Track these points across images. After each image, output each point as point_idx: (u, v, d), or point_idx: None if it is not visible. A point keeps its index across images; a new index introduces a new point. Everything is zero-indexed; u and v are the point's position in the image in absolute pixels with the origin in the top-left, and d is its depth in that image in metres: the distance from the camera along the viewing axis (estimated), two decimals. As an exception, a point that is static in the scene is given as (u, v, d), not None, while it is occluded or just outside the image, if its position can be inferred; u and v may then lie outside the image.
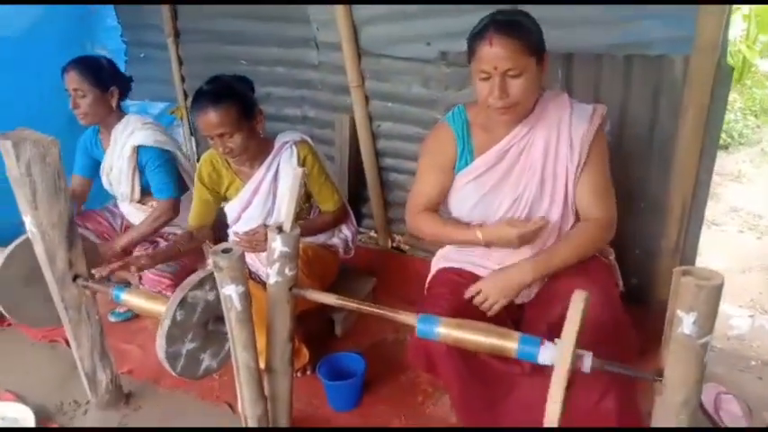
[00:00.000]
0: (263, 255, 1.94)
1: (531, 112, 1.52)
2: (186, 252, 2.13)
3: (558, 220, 1.55)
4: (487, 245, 1.56)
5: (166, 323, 1.39)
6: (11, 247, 1.80)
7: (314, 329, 2.17)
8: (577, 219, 1.58)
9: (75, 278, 1.74)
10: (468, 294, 1.54)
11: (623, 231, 1.66)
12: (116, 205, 2.51)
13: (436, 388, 1.94)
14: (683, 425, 1.05)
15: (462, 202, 1.61)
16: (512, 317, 1.58)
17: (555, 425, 1.07)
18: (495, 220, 1.58)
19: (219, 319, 1.48)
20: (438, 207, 1.70)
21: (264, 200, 2.05)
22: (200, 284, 1.44)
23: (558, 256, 1.50)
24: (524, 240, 1.51)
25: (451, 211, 1.67)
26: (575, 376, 1.11)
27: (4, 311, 1.86)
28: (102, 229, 2.41)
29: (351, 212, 2.26)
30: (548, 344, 1.13)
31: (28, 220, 1.62)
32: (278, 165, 2.02)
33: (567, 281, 1.21)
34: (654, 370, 1.11)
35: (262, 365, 1.60)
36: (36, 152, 1.54)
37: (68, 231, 1.67)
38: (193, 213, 2.14)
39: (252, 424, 1.61)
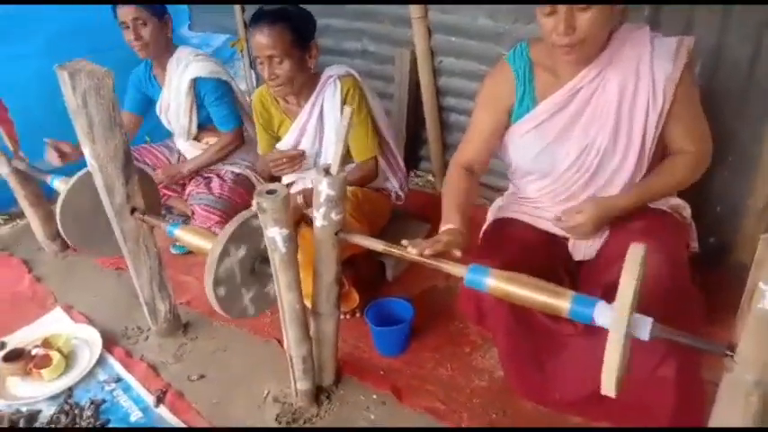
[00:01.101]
0: (302, 200, 1.91)
1: (604, 50, 1.34)
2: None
3: (630, 173, 1.41)
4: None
5: (212, 264, 1.40)
6: (73, 179, 1.86)
7: (365, 273, 2.15)
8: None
9: (132, 211, 1.78)
10: (563, 214, 1.46)
11: (705, 186, 1.51)
12: (173, 142, 2.54)
13: (485, 340, 1.88)
14: (752, 407, 0.95)
15: (523, 152, 1.48)
16: (569, 275, 1.48)
17: (612, 394, 1.00)
18: (560, 171, 1.45)
19: (265, 259, 1.47)
20: (486, 162, 1.59)
21: (312, 141, 2.00)
22: (244, 225, 1.43)
23: (656, 185, 1.41)
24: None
25: (512, 162, 1.55)
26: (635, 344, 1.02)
27: (69, 242, 1.96)
28: (160, 164, 2.46)
29: (398, 160, 2.16)
30: (603, 305, 1.03)
31: (87, 152, 1.65)
32: (322, 102, 1.95)
33: (630, 239, 1.09)
34: (725, 343, 0.99)
35: (309, 306, 1.60)
36: (91, 84, 1.53)
37: (125, 165, 1.70)
38: (260, 144, 2.14)
39: (297, 363, 1.63)
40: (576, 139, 1.41)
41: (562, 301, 1.09)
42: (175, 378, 1.90)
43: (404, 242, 1.29)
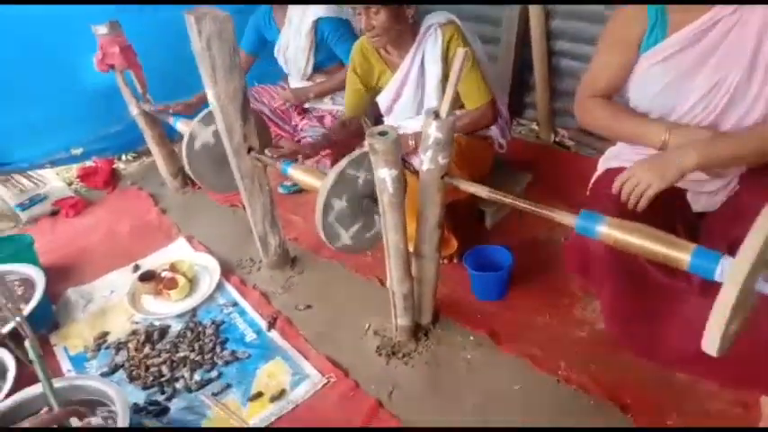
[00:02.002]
0: (413, 143, 1.92)
1: None
2: (340, 141, 2.18)
3: (761, 116, 1.29)
4: (663, 148, 1.34)
5: (322, 202, 1.47)
6: (196, 119, 2.01)
7: (464, 220, 2.17)
8: None
9: (249, 150, 1.90)
10: (616, 184, 1.34)
11: None
12: (287, 83, 2.64)
13: (586, 293, 1.86)
14: None
15: (645, 87, 1.39)
16: (686, 227, 1.40)
17: (713, 353, 0.96)
18: (684, 110, 1.34)
19: (373, 199, 1.53)
20: (613, 94, 1.50)
21: (414, 91, 1.99)
22: (353, 164, 1.48)
23: (739, 143, 1.26)
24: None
25: (629, 97, 1.46)
26: (758, 301, 0.97)
27: (195, 178, 2.13)
28: (275, 105, 2.57)
29: (502, 109, 2.11)
30: (728, 260, 0.98)
31: (209, 94, 1.77)
32: (423, 52, 1.92)
33: (762, 194, 1.01)
34: None
35: (411, 249, 1.66)
36: (214, 28, 1.62)
37: (243, 107, 1.80)
38: (346, 103, 2.18)
39: (399, 300, 1.70)
40: (705, 74, 1.30)
41: (682, 254, 1.04)
42: (284, 306, 2.05)
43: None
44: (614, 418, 1.47)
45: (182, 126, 2.27)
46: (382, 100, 2.09)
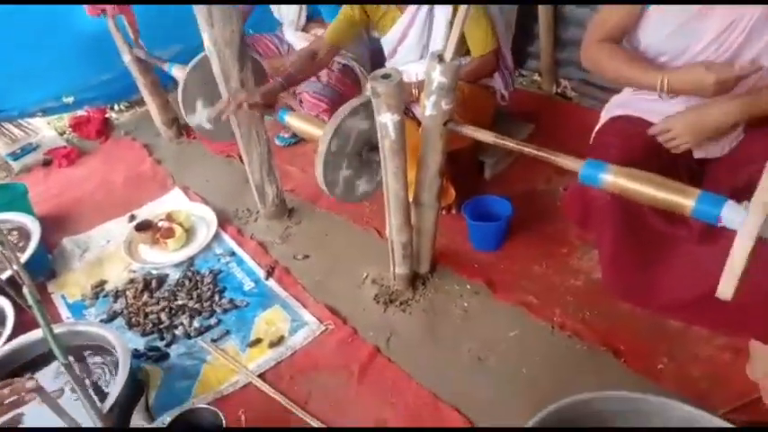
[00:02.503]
0: (417, 91, 1.89)
1: None
2: (298, 80, 1.99)
3: None
4: (671, 93, 1.33)
5: (323, 151, 1.46)
6: (191, 63, 1.96)
7: (463, 170, 2.15)
8: None
9: (245, 97, 1.86)
10: (654, 130, 1.36)
11: None
12: (282, 32, 2.57)
13: (584, 242, 1.87)
14: None
15: (658, 28, 1.35)
16: (689, 174, 1.40)
17: (728, 298, 0.97)
18: (696, 51, 1.31)
19: (373, 147, 1.51)
20: (621, 37, 1.46)
21: (420, 33, 1.94)
22: (353, 113, 1.46)
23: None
24: (722, 89, 1.25)
25: (640, 39, 1.42)
26: (759, 248, 0.97)
27: (192, 126, 2.10)
28: (270, 54, 2.51)
29: (506, 56, 2.06)
30: (733, 204, 0.98)
31: (205, 38, 1.72)
32: None
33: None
34: None
35: (410, 198, 1.65)
36: (210, -33, 1.57)
37: (240, 51, 1.75)
38: (332, 28, 1.98)
39: (397, 249, 1.70)
40: (719, 15, 1.26)
41: (686, 199, 1.04)
42: (282, 256, 2.06)
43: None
44: (607, 363, 1.50)
45: (177, 72, 2.22)
46: (388, 42, 2.03)
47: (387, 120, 1.36)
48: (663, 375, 1.46)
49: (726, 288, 0.98)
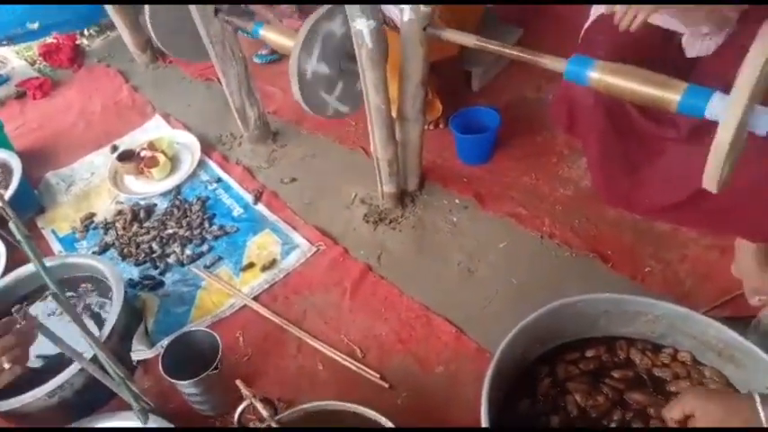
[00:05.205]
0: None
1: None
2: None
3: None
4: None
5: (296, 55, 1.38)
6: (156, -21, 1.83)
7: (449, 82, 2.08)
8: None
9: (216, 12, 1.75)
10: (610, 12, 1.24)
11: None
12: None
13: (573, 150, 1.84)
14: None
15: None
16: (679, 74, 1.34)
17: (713, 189, 0.95)
18: None
19: (352, 57, 1.44)
20: None
21: None
22: (328, 16, 1.37)
23: None
24: None
25: None
26: (746, 142, 0.95)
27: (161, 46, 1.99)
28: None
29: None
30: (720, 96, 0.94)
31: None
32: None
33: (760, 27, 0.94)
34: None
35: (394, 114, 1.59)
36: None
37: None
38: None
39: (383, 166, 1.67)
40: None
41: (672, 93, 1.00)
42: (269, 180, 2.03)
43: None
44: (595, 268, 1.52)
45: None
46: None
47: (362, 26, 1.28)
48: (650, 277, 1.47)
49: (711, 178, 0.97)
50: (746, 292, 1.34)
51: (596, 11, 1.53)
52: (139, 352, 1.48)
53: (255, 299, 1.64)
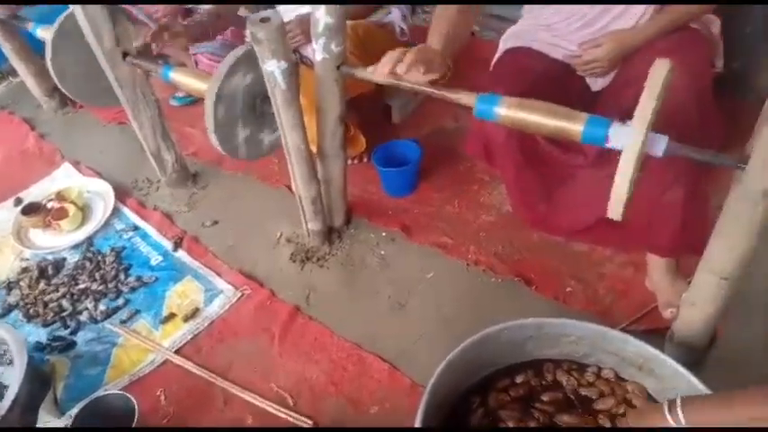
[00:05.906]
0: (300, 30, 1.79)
1: None
2: (215, 30, 1.97)
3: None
4: None
5: (210, 120, 1.35)
6: (56, 24, 1.75)
7: (370, 116, 2.10)
8: None
9: (124, 56, 1.69)
10: (580, 46, 1.42)
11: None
12: None
13: (493, 178, 1.89)
14: (758, 216, 0.94)
15: None
16: (585, 108, 1.42)
17: (619, 211, 0.99)
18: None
19: (266, 97, 1.42)
20: None
21: None
22: (231, 72, 1.35)
23: (677, 12, 1.32)
24: None
25: None
26: (644, 162, 1.00)
27: (68, 93, 1.90)
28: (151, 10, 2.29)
29: None
30: (618, 125, 0.99)
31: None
32: None
33: (651, 57, 1.01)
34: (737, 156, 0.96)
35: (314, 150, 1.58)
36: None
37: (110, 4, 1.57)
38: None
39: (307, 204, 1.65)
40: None
41: (575, 124, 1.04)
42: (190, 225, 1.95)
43: (369, 69, 1.21)
44: (519, 292, 1.54)
45: (43, 33, 1.98)
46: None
47: (273, 68, 1.27)
48: (571, 297, 1.51)
49: (615, 207, 1.01)
50: (660, 305, 1.41)
51: (503, 44, 1.60)
52: (47, 424, 1.34)
53: (177, 352, 1.55)
